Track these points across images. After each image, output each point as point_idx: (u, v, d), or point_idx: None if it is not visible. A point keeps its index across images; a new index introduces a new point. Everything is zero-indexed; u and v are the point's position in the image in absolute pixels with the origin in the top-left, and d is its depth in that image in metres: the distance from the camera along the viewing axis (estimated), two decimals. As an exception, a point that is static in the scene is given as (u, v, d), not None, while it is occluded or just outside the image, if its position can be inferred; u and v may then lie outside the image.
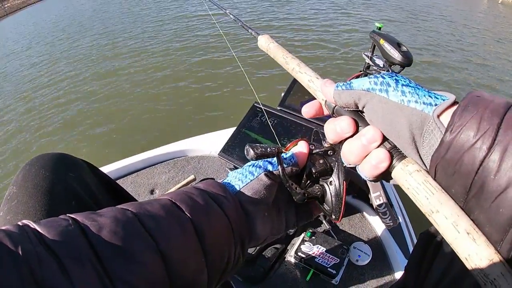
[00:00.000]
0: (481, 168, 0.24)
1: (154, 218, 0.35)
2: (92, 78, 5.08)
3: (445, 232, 0.26)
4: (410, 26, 6.25)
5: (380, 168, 0.31)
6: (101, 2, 11.59)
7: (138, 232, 0.33)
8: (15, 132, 4.01)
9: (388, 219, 0.99)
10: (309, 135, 0.71)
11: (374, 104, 0.31)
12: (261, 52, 0.59)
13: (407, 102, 0.29)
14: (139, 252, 0.32)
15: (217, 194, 0.42)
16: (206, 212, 0.39)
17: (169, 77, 4.64)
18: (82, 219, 0.33)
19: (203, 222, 0.38)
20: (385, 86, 0.31)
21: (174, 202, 0.39)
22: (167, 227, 0.35)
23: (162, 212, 0.37)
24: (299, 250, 1.04)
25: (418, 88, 0.30)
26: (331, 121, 0.37)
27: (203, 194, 0.41)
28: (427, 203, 0.27)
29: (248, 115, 1.09)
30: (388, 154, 0.31)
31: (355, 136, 0.34)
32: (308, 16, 6.59)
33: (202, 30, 6.41)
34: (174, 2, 8.80)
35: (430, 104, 0.28)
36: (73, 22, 9.20)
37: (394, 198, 1.22)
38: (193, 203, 0.39)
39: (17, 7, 18.80)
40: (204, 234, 0.38)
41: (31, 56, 7.11)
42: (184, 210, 0.38)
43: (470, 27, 6.41)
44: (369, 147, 0.32)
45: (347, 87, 0.34)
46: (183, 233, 0.36)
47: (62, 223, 0.31)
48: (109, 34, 7.30)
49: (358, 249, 1.07)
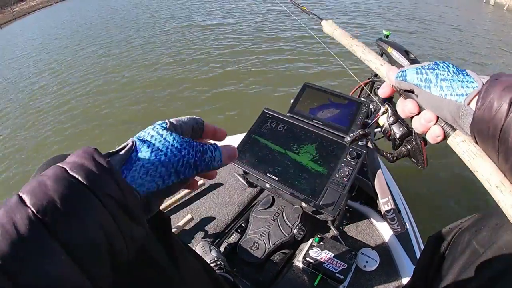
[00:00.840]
0: (502, 131, 0.32)
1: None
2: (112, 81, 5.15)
3: (484, 184, 0.35)
4: (416, 34, 6.26)
5: (437, 139, 0.41)
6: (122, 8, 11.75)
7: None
8: (26, 138, 4.08)
9: (396, 225, 1.01)
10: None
11: (423, 96, 0.40)
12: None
13: (444, 95, 0.38)
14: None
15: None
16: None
17: (179, 80, 4.69)
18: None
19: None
20: (428, 83, 0.39)
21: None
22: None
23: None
24: (307, 255, 1.05)
25: (453, 80, 0.38)
26: (401, 103, 0.45)
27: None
28: (470, 165, 0.37)
29: (259, 121, 1.11)
30: (441, 130, 0.41)
31: (417, 116, 0.43)
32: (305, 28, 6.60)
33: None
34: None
35: (462, 95, 0.36)
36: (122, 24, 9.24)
37: (401, 204, 1.23)
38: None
39: (25, 11, 19.16)
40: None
41: (45, 57, 7.24)
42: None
43: (478, 35, 6.42)
44: (427, 125, 0.42)
45: (403, 79, 0.42)
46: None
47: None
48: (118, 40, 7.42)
49: (366, 255, 1.08)
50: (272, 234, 1.09)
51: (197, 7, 8.93)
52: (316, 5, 8.00)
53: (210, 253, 1.07)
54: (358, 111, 1.05)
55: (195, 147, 0.36)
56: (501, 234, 0.45)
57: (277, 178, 0.98)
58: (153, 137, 0.35)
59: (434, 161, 2.82)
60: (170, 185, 0.35)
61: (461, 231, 0.55)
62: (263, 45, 5.58)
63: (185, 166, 0.35)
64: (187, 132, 0.40)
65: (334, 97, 1.11)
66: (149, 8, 10.32)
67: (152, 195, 0.34)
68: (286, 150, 1.03)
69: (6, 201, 0.26)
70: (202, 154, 0.37)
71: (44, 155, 3.56)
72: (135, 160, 0.33)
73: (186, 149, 0.35)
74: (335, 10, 7.72)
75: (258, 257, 1.04)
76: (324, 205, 0.91)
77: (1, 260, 0.22)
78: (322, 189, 0.94)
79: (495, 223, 0.48)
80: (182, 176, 0.35)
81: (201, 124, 0.42)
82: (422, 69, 0.40)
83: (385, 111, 0.76)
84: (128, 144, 0.34)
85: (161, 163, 0.34)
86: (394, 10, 7.82)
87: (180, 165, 0.35)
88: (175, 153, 0.35)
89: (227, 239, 1.16)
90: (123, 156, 0.33)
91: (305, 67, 4.66)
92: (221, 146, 0.39)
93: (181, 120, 0.40)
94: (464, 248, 0.50)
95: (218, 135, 0.45)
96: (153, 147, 0.34)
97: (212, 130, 0.44)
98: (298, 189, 0.96)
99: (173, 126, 0.38)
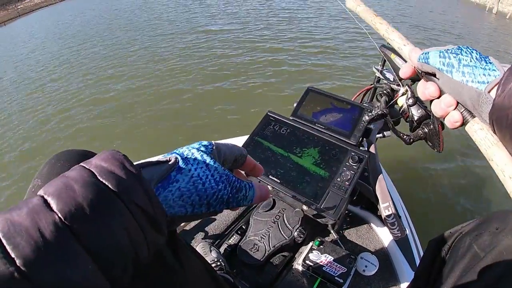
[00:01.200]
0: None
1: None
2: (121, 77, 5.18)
3: (498, 174, 0.36)
4: (418, 42, 6.29)
5: (455, 125, 0.41)
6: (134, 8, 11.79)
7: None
8: (34, 131, 4.09)
9: (396, 230, 1.01)
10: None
11: (445, 80, 0.40)
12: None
13: (465, 81, 0.37)
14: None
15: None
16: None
17: (187, 82, 4.71)
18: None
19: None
20: (450, 68, 0.39)
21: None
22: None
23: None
24: (307, 258, 1.05)
25: (475, 66, 0.37)
26: (422, 85, 0.45)
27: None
28: (486, 153, 0.38)
29: (262, 124, 1.12)
30: (461, 116, 0.41)
31: (437, 100, 0.43)
32: (311, 32, 6.64)
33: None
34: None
35: (483, 82, 0.36)
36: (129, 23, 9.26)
37: (401, 209, 1.24)
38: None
39: (29, 9, 19.22)
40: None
41: (55, 51, 7.26)
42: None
43: (481, 44, 6.47)
44: (447, 109, 0.42)
45: (426, 61, 0.42)
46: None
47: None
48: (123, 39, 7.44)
49: (365, 259, 1.08)
50: (272, 237, 1.10)
51: (201, 10, 8.97)
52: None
53: (210, 253, 1.08)
54: (360, 116, 1.06)
55: (233, 183, 0.36)
56: (501, 238, 0.46)
57: (279, 181, 0.99)
58: (196, 160, 0.34)
59: (434, 166, 2.84)
60: (198, 214, 0.34)
61: (461, 235, 0.55)
62: (267, 48, 5.61)
63: (218, 201, 0.34)
64: (229, 161, 0.39)
65: (337, 101, 1.12)
66: (152, 9, 10.37)
67: (177, 217, 0.33)
68: (288, 153, 1.04)
69: (27, 201, 0.25)
70: (237, 191, 0.36)
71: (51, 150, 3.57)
72: (173, 180, 0.32)
73: (224, 183, 0.35)
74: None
75: (258, 259, 1.04)
76: (325, 209, 0.92)
77: (25, 267, 0.21)
78: (324, 193, 0.95)
79: (495, 228, 0.48)
80: (212, 209, 0.35)
81: (244, 157, 0.42)
82: (446, 53, 0.40)
83: (405, 92, 0.75)
84: (171, 160, 0.33)
85: (196, 192, 0.33)
86: (398, 18, 7.87)
87: (214, 199, 0.34)
88: (212, 184, 0.34)
89: (227, 241, 1.16)
90: (163, 173, 0.32)
91: (309, 70, 4.68)
92: (256, 185, 0.39)
93: (227, 147, 0.39)
94: (464, 252, 0.51)
95: (255, 171, 0.45)
96: (194, 172, 0.33)
97: (251, 165, 0.43)
98: (300, 192, 0.96)
99: (218, 151, 0.37)
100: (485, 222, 0.52)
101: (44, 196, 0.25)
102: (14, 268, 0.21)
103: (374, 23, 0.56)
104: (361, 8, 0.62)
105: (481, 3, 11.50)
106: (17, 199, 2.86)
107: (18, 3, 20.36)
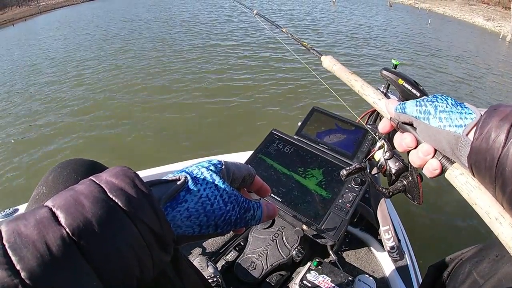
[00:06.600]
0: (499, 162, 0.32)
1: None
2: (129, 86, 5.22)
3: (483, 218, 0.36)
4: (425, 66, 6.39)
5: (434, 173, 0.41)
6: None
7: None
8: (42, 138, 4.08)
9: (395, 253, 1.01)
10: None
11: (422, 128, 0.40)
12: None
13: (443, 127, 0.38)
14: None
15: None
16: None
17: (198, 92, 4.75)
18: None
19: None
20: (427, 115, 0.39)
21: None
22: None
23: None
24: (304, 279, 1.04)
25: (451, 111, 0.38)
26: (398, 136, 0.45)
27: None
28: (469, 198, 0.37)
29: (266, 141, 1.13)
30: (439, 164, 0.40)
31: (414, 150, 0.43)
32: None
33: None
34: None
35: (461, 126, 0.36)
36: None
37: (401, 234, 1.23)
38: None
39: (51, 7, 19.58)
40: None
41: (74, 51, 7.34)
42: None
43: (492, 71, 6.58)
44: (425, 158, 0.41)
45: (403, 111, 0.43)
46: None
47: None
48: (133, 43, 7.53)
49: (363, 282, 1.07)
50: (270, 255, 1.09)
51: (200, 28, 9.11)
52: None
53: (207, 269, 1.07)
54: (364, 138, 1.07)
55: (241, 203, 0.35)
56: (501, 266, 0.46)
57: (280, 199, 0.99)
58: (205, 180, 0.34)
59: (434, 193, 2.83)
60: (205, 234, 0.34)
61: (462, 261, 0.55)
62: (272, 66, 5.67)
63: (226, 222, 0.34)
64: (238, 180, 0.39)
65: (341, 122, 1.14)
66: (167, 11, 10.55)
67: (184, 237, 0.33)
68: (292, 172, 1.04)
69: (35, 211, 0.25)
70: (245, 211, 0.36)
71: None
72: (182, 200, 0.32)
73: (232, 203, 0.34)
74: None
75: (255, 277, 1.03)
76: (325, 229, 0.92)
77: (30, 280, 0.21)
78: (325, 213, 0.95)
79: (495, 255, 0.49)
80: (219, 230, 0.35)
81: (253, 177, 0.42)
82: (422, 102, 0.41)
83: (381, 146, 0.76)
84: (181, 179, 0.33)
85: (205, 213, 0.33)
86: (411, 40, 7.97)
87: (222, 220, 0.34)
88: (221, 205, 0.33)
89: (225, 257, 1.15)
90: (172, 192, 0.32)
91: (313, 92, 4.72)
92: (264, 204, 0.39)
93: (236, 166, 0.39)
94: (464, 279, 0.51)
95: (262, 191, 0.45)
96: (203, 192, 0.33)
97: (259, 185, 0.44)
98: (301, 212, 0.96)
99: (227, 170, 0.37)
100: (485, 249, 0.52)
101: (52, 208, 0.25)
102: (19, 280, 0.21)
103: (349, 80, 0.59)
104: (337, 67, 0.65)
105: (496, 30, 11.92)
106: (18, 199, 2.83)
107: (40, 0, 20.71)
